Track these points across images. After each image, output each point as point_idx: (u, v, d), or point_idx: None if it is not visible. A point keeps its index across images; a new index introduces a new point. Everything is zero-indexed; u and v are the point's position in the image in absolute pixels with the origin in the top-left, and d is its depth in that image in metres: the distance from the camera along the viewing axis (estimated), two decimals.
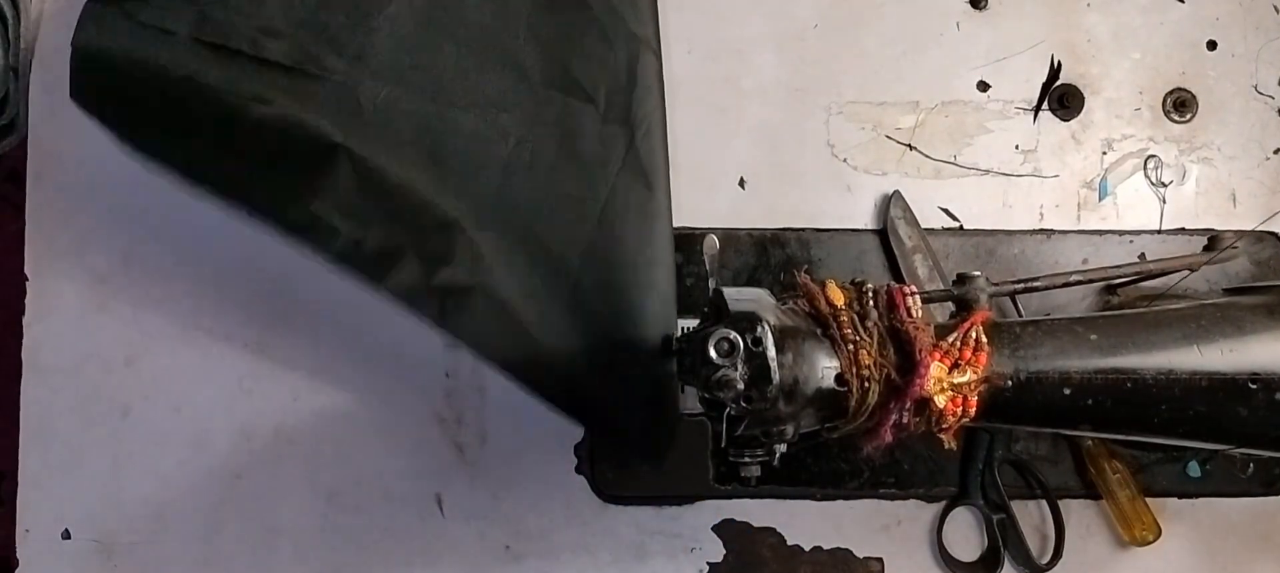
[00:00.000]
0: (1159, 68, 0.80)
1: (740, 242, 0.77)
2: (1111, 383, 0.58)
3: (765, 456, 0.59)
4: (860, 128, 0.79)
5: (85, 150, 0.75)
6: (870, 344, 0.56)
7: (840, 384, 0.55)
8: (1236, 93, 0.79)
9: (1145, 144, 0.79)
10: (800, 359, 0.54)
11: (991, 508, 0.75)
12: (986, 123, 0.79)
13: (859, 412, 0.56)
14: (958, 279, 0.63)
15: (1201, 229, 0.77)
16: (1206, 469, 0.75)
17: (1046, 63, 0.79)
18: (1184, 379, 0.58)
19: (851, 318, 0.56)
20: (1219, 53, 0.80)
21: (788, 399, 0.54)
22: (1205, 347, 0.58)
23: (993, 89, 0.79)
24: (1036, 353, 0.58)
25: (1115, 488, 0.74)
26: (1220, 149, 0.79)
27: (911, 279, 0.75)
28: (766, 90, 0.79)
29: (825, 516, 0.76)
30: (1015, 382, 0.58)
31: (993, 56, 0.79)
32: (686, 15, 0.79)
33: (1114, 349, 0.58)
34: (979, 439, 0.75)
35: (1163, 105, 0.79)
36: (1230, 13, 0.80)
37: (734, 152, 0.78)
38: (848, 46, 0.79)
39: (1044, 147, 0.79)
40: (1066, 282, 0.69)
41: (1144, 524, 0.73)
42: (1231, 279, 0.75)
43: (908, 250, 0.76)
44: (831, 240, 0.77)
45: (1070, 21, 0.80)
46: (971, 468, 0.75)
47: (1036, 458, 0.75)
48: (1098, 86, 0.79)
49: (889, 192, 0.77)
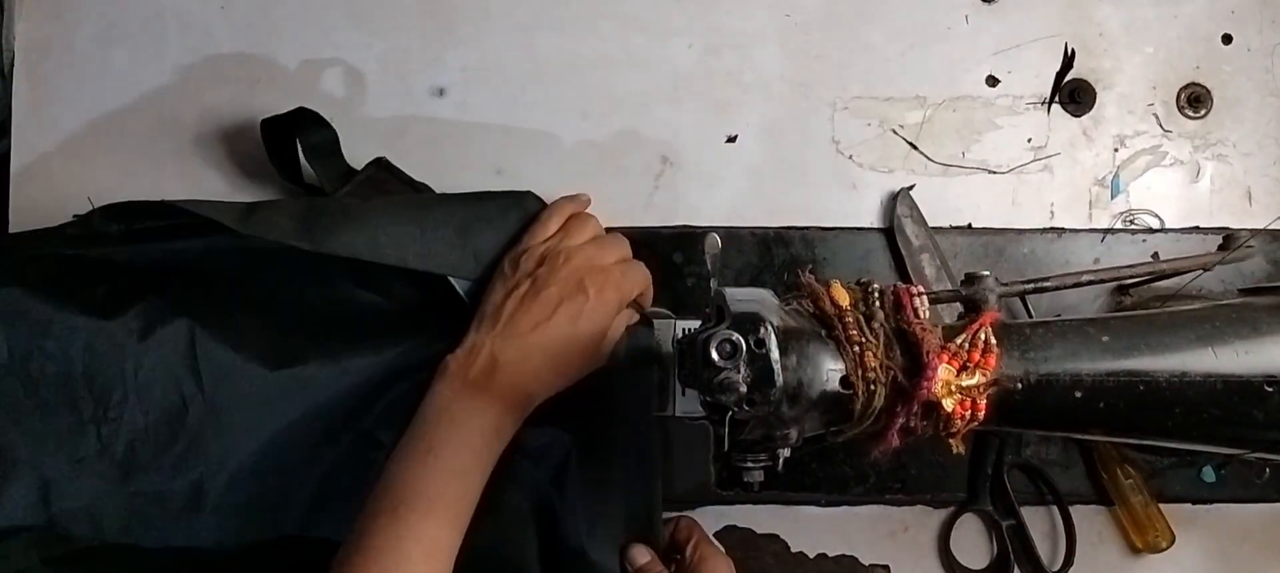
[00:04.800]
0: (1173, 62, 0.79)
1: (743, 240, 0.76)
2: (1124, 385, 0.57)
3: (769, 460, 0.58)
4: (866, 124, 0.78)
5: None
6: (876, 346, 0.55)
7: (845, 387, 0.54)
8: (1252, 88, 0.79)
9: (1158, 141, 0.78)
10: (804, 361, 0.53)
11: (1001, 514, 0.74)
12: (995, 119, 0.78)
13: (865, 415, 0.55)
14: (966, 279, 0.63)
15: (1216, 228, 0.77)
16: (1221, 474, 0.74)
17: (1056, 57, 0.78)
18: (1198, 382, 0.57)
19: (857, 319, 0.56)
20: (1234, 47, 0.79)
21: (791, 402, 0.53)
22: (1220, 348, 0.57)
23: (1002, 84, 0.78)
24: (1047, 355, 0.57)
25: (1128, 494, 0.73)
26: (1235, 146, 0.78)
27: (918, 279, 0.74)
28: (769, 85, 0.78)
29: (830, 522, 0.75)
30: (1025, 384, 0.57)
31: (1002, 51, 0.78)
32: (687, 8, 0.78)
33: (1126, 351, 0.58)
34: (988, 444, 0.74)
35: (1176, 101, 0.78)
36: (1246, 6, 0.79)
37: (736, 148, 0.78)
38: (853, 40, 0.79)
39: (1055, 143, 0.78)
40: (1078, 282, 0.68)
41: (1157, 531, 0.72)
42: (1247, 279, 0.75)
43: (915, 249, 0.75)
44: (836, 239, 0.76)
45: (1082, 15, 0.79)
46: (980, 473, 0.74)
47: (1047, 463, 0.75)
48: (1110, 81, 0.78)
49: (895, 189, 0.76)
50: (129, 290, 0.68)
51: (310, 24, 0.78)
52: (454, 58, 0.78)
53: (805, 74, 0.78)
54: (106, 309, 0.67)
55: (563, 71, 0.78)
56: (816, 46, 0.78)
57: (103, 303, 0.67)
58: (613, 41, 0.78)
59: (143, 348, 0.66)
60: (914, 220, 0.76)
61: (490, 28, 0.78)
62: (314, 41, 0.78)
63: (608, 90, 0.76)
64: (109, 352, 0.66)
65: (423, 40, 0.78)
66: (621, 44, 0.78)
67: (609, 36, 0.78)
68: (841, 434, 0.57)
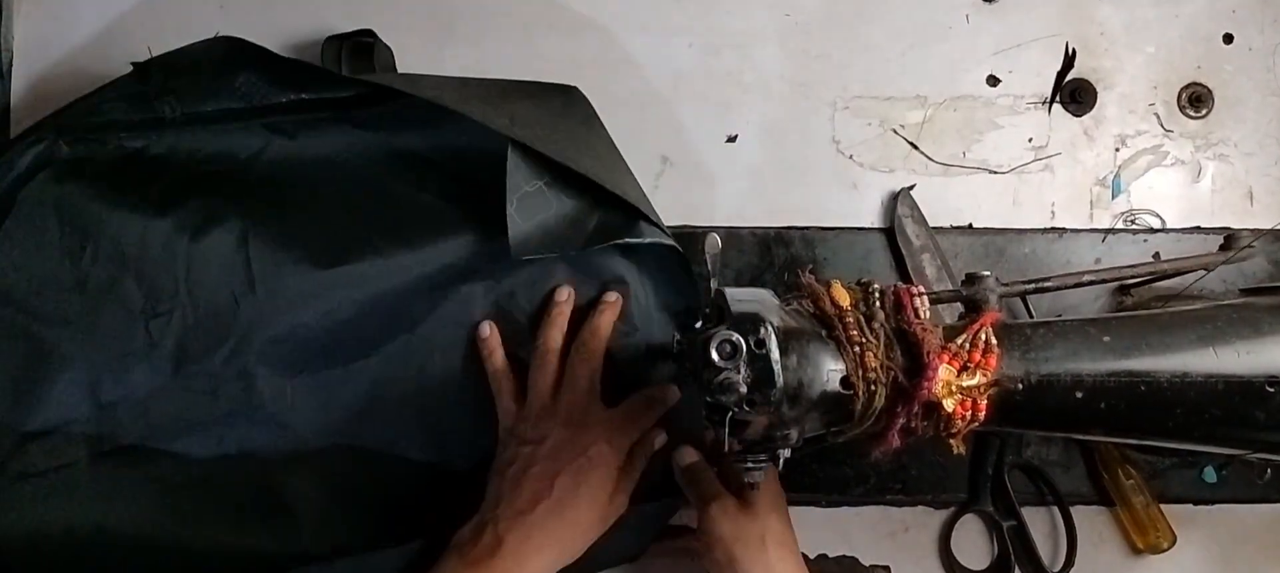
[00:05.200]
0: (1174, 62, 0.79)
1: (743, 240, 0.76)
2: (1125, 386, 0.57)
3: (769, 461, 0.58)
4: (866, 123, 0.77)
5: None
6: (877, 346, 0.55)
7: (846, 387, 0.54)
8: (1253, 88, 0.78)
9: (1160, 140, 0.78)
10: (805, 362, 0.53)
11: (1001, 515, 0.74)
12: (996, 118, 0.78)
13: (865, 416, 0.55)
14: (967, 279, 0.63)
15: (1217, 228, 0.76)
16: (1222, 475, 0.74)
17: (1057, 57, 0.78)
18: (1199, 382, 0.57)
19: (857, 319, 0.55)
20: (1235, 46, 0.79)
21: (792, 403, 0.53)
22: (1221, 348, 0.57)
23: (1003, 83, 0.78)
24: (1048, 355, 0.57)
25: (1129, 494, 0.73)
26: (1237, 146, 0.78)
27: (919, 279, 0.74)
28: (769, 85, 0.78)
29: (831, 522, 0.75)
30: (1026, 385, 0.57)
31: (1002, 50, 0.78)
32: (687, 7, 0.78)
33: (1127, 351, 0.57)
34: (988, 444, 0.74)
35: (1178, 100, 0.78)
36: (1247, 6, 0.79)
37: (736, 148, 0.77)
38: (853, 40, 0.78)
39: (1055, 143, 0.78)
40: (1078, 282, 0.68)
41: (1158, 531, 0.72)
42: (1248, 279, 0.74)
43: (915, 249, 0.75)
44: (837, 239, 0.76)
45: (1082, 14, 0.79)
46: (981, 474, 0.74)
47: (1047, 463, 0.75)
48: (1111, 81, 0.78)
49: (896, 189, 0.76)
50: (183, 189, 0.69)
51: (310, 24, 0.78)
52: (454, 57, 0.78)
53: (805, 74, 0.78)
54: (160, 207, 0.68)
55: (563, 71, 0.77)
56: (817, 46, 0.78)
57: (157, 201, 0.68)
58: (613, 41, 0.78)
59: (195, 246, 0.67)
60: (914, 220, 0.75)
61: (490, 28, 0.78)
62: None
63: (608, 90, 0.76)
64: (161, 249, 0.67)
65: (423, 40, 0.78)
66: (621, 44, 0.78)
67: (609, 36, 0.78)
68: (842, 435, 0.57)
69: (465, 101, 0.66)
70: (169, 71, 0.69)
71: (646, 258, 0.70)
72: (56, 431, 0.66)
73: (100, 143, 0.70)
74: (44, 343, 0.66)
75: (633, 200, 0.66)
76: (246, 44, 0.68)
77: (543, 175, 0.65)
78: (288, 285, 0.67)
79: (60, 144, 0.69)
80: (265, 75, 0.70)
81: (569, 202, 0.66)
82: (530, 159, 0.65)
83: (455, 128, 0.70)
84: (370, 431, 0.69)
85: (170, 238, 0.67)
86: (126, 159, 0.70)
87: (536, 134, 0.65)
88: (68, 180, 0.68)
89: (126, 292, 0.67)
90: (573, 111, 0.70)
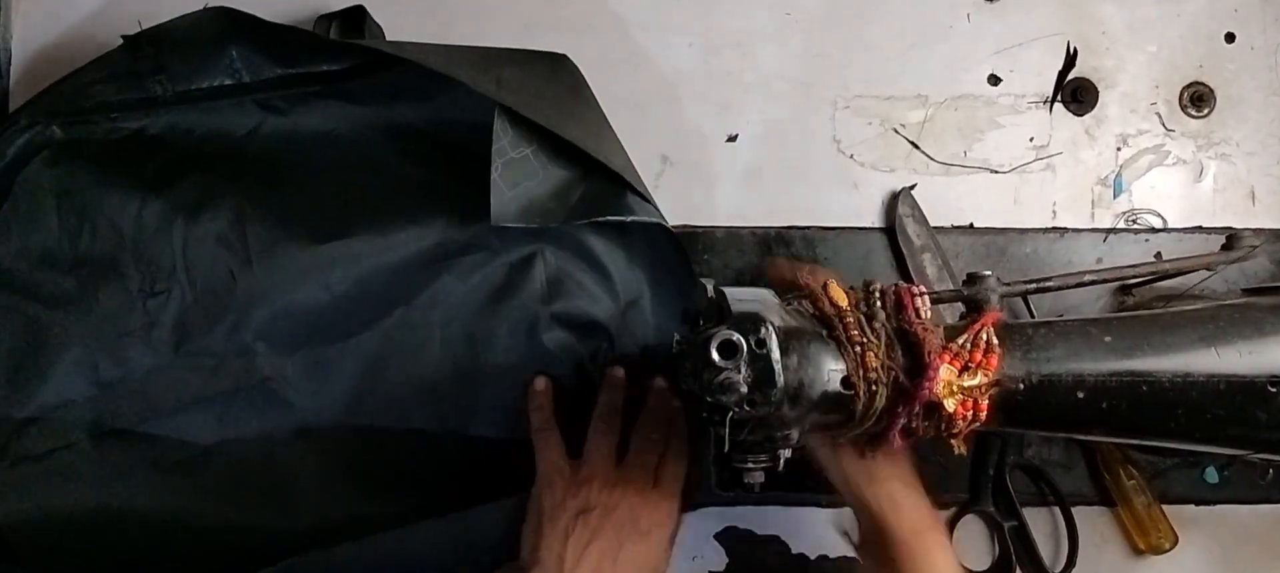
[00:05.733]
0: (1175, 61, 0.78)
1: (743, 240, 0.76)
2: (1126, 386, 0.57)
3: (769, 461, 0.57)
4: (867, 123, 0.77)
5: None
6: (877, 346, 0.54)
7: (846, 387, 0.54)
8: (1256, 87, 0.78)
9: (1161, 140, 0.77)
10: (805, 362, 0.53)
11: (1003, 515, 0.74)
12: (997, 117, 0.77)
13: (866, 416, 0.54)
14: (968, 279, 0.62)
15: (1219, 227, 0.76)
16: (1224, 475, 0.74)
17: (1058, 56, 0.78)
18: (1201, 382, 0.56)
19: (858, 319, 0.55)
20: (1237, 45, 0.78)
21: (792, 403, 0.52)
22: (1223, 348, 0.57)
23: (1004, 83, 0.78)
24: (1049, 355, 0.57)
25: (1130, 495, 0.73)
26: (1239, 145, 0.78)
27: (920, 279, 0.74)
28: (770, 84, 0.78)
29: (831, 523, 0.74)
30: (1027, 385, 0.56)
31: (1003, 50, 0.78)
32: (687, 8, 0.78)
33: (1129, 351, 0.57)
34: (990, 444, 0.74)
35: (1179, 100, 0.78)
36: (1249, 5, 0.79)
37: (736, 148, 0.77)
38: (854, 39, 0.78)
39: (1057, 142, 0.77)
40: (1080, 282, 0.67)
41: (1160, 532, 0.72)
42: (1250, 279, 0.74)
43: (916, 249, 0.75)
44: (837, 239, 0.76)
45: (1084, 13, 0.78)
46: (982, 474, 0.74)
47: (1049, 464, 0.75)
48: (1112, 80, 0.78)
49: (897, 189, 0.76)
50: (178, 168, 0.69)
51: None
52: None
53: (806, 73, 0.78)
54: (156, 187, 0.68)
55: None
56: (817, 45, 0.78)
57: (153, 180, 0.69)
58: (613, 41, 0.78)
59: (191, 224, 0.68)
60: (915, 220, 0.75)
61: (490, 25, 0.78)
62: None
63: (608, 90, 0.75)
64: (158, 228, 0.68)
65: (422, 39, 0.77)
66: (621, 44, 0.78)
67: (609, 36, 0.78)
68: (843, 435, 0.57)
69: (452, 65, 0.65)
70: (160, 45, 0.69)
71: (636, 236, 0.71)
72: (56, 412, 0.67)
73: (93, 125, 0.70)
74: (43, 325, 0.67)
75: (618, 169, 0.66)
76: (237, 13, 0.68)
77: (530, 143, 0.65)
78: (285, 262, 0.68)
79: (53, 128, 0.69)
80: (256, 47, 0.70)
81: (556, 171, 0.66)
82: (518, 125, 0.65)
83: (448, 99, 0.70)
84: (370, 405, 0.69)
85: (167, 217, 0.68)
86: (121, 140, 0.70)
87: (523, 99, 0.65)
88: (64, 163, 0.68)
89: (124, 272, 0.67)
90: (561, 78, 0.70)
